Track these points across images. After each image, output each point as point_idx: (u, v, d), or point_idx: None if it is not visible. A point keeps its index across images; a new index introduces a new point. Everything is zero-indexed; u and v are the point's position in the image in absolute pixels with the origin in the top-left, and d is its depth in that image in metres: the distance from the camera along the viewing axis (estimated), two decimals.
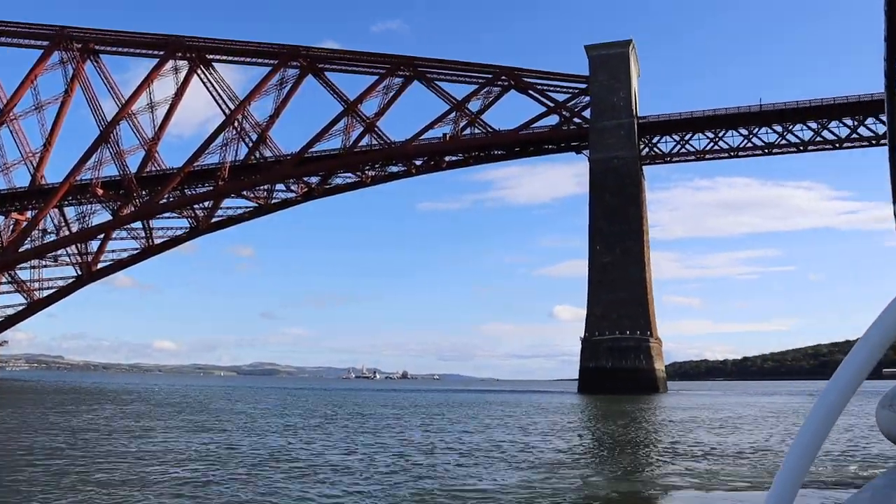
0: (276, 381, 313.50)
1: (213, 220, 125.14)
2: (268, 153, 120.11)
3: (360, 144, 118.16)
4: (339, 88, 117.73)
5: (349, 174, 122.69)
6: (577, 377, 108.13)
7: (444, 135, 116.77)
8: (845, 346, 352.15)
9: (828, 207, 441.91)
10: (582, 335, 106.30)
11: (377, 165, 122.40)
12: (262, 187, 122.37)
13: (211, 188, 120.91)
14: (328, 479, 18.55)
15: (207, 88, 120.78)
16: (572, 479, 19.23)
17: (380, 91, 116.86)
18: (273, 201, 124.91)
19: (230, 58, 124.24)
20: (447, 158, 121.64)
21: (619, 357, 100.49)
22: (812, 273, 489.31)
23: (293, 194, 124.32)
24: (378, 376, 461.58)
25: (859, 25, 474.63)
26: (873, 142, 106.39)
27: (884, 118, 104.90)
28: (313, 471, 19.91)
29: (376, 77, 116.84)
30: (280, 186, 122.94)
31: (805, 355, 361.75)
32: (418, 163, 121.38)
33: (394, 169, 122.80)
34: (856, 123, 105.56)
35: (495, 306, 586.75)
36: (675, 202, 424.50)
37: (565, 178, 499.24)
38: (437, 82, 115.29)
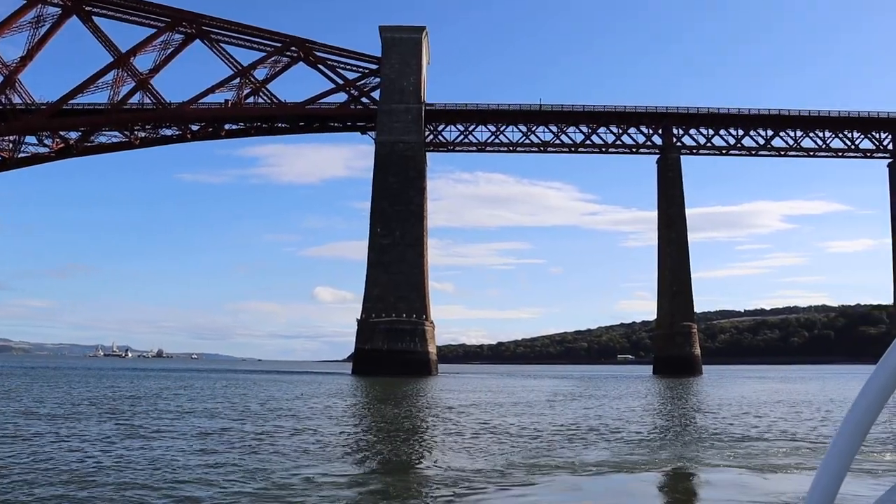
0: (8, 358, 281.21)
1: None
2: (17, 99, 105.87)
3: (129, 101, 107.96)
4: (109, 37, 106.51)
5: (115, 133, 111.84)
6: (342, 358, 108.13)
7: (226, 101, 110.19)
8: (587, 335, 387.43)
9: (574, 207, 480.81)
10: (358, 316, 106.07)
11: (148, 126, 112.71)
12: (7, 138, 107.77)
13: None
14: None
15: None
16: (362, 468, 18.17)
17: (157, 46, 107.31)
18: (20, 155, 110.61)
19: None
20: (227, 126, 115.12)
21: (396, 339, 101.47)
22: (554, 267, 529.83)
23: (46, 149, 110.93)
24: (130, 355, 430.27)
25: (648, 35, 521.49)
26: (634, 150, 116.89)
27: (644, 129, 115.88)
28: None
29: (154, 30, 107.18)
30: (31, 139, 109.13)
31: (553, 342, 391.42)
32: (195, 128, 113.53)
33: (167, 132, 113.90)
34: (620, 131, 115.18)
35: (257, 285, 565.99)
36: (438, 193, 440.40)
37: (334, 161, 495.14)
38: (222, 45, 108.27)
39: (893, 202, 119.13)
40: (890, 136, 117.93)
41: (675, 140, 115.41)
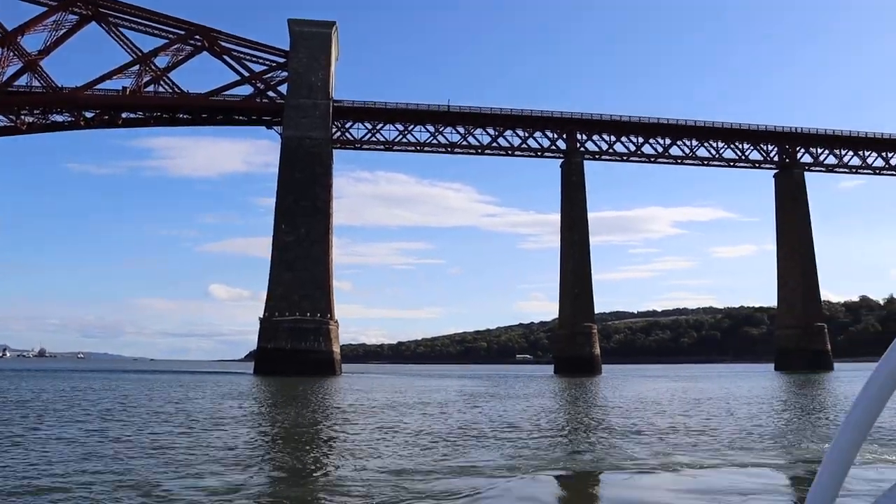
0: None
1: None
2: None
3: (16, 83, 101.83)
4: None
5: (0, 117, 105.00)
6: (239, 358, 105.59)
7: (124, 88, 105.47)
8: (486, 334, 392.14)
9: (474, 209, 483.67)
10: (260, 315, 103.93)
11: (37, 111, 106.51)
12: None
13: None
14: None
15: None
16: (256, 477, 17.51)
17: (48, 25, 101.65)
18: None
19: None
20: (124, 115, 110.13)
21: (299, 339, 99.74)
22: (453, 267, 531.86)
23: None
24: (8, 354, 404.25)
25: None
26: (539, 153, 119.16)
27: (549, 133, 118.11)
28: None
29: (45, 9, 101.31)
30: None
31: (453, 341, 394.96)
32: (89, 115, 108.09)
33: (58, 118, 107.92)
34: (526, 134, 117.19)
35: (148, 281, 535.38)
36: (340, 191, 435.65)
37: (232, 155, 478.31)
38: (120, 29, 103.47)
39: (779, 211, 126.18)
40: (776, 149, 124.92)
41: (578, 145, 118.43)
